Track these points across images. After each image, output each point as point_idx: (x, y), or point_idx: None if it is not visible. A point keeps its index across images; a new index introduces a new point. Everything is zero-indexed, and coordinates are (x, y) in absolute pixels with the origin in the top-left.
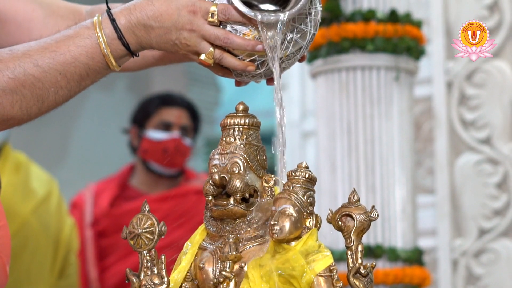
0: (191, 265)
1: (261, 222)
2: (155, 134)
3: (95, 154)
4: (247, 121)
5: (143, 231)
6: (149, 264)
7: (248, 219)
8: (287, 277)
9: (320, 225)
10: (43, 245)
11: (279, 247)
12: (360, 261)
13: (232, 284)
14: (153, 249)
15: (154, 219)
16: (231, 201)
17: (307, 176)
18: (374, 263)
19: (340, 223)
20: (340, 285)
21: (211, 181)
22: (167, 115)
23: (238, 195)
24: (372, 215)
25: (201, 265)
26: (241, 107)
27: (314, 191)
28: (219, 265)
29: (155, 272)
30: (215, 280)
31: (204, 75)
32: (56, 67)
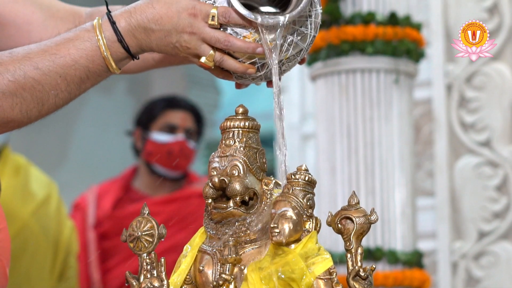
0: (190, 267)
1: (260, 225)
2: (159, 137)
3: (94, 157)
4: (246, 124)
5: (143, 234)
6: (148, 267)
7: (248, 221)
8: (287, 280)
9: (320, 228)
10: (43, 247)
11: (278, 249)
12: (359, 263)
13: (231, 287)
14: (152, 252)
15: (153, 222)
16: (231, 204)
17: (306, 179)
18: (374, 265)
19: (339, 226)
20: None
21: (210, 183)
22: (172, 117)
23: (238, 198)
24: (371, 217)
25: (201, 268)
26: (240, 109)
27: (313, 194)
28: (219, 268)
29: (155, 275)
30: (214, 283)
31: (204, 77)
32: (56, 69)
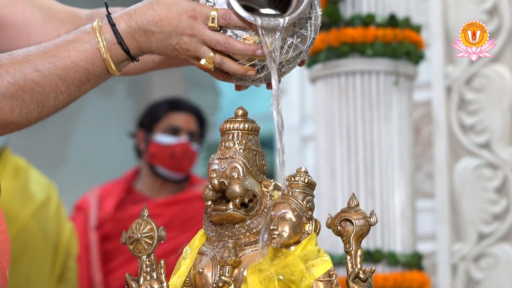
0: (190, 270)
1: (260, 227)
2: (163, 138)
3: (94, 159)
4: (246, 126)
5: (142, 236)
6: (148, 269)
7: (248, 223)
8: (286, 282)
9: (320, 230)
10: (42, 249)
11: (278, 252)
12: (359, 265)
13: None
14: (152, 254)
15: (153, 224)
16: (231, 206)
17: (306, 181)
18: (374, 267)
19: (339, 228)
20: None
21: (210, 186)
22: (176, 119)
23: (238, 200)
24: (371, 219)
25: (200, 270)
26: (240, 112)
27: (313, 196)
28: (219, 270)
29: (155, 277)
30: (214, 285)
31: (204, 79)
32: (56, 72)
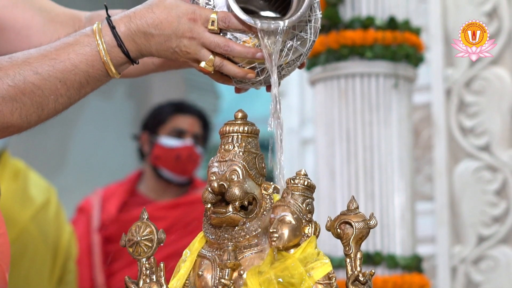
0: (190, 272)
1: (260, 230)
2: (168, 141)
3: (94, 161)
4: (246, 128)
5: (142, 238)
6: (148, 272)
7: (247, 226)
8: (286, 285)
9: (319, 232)
10: (42, 252)
11: (278, 254)
12: (359, 268)
13: None
14: (152, 257)
15: (153, 227)
16: (230, 208)
17: (306, 183)
18: (373, 270)
19: (339, 230)
20: None
21: (210, 188)
22: (180, 122)
23: (237, 202)
24: (371, 222)
25: (200, 272)
26: (240, 114)
27: (313, 199)
28: (218, 273)
29: (154, 280)
30: None
31: (203, 82)
32: (56, 74)
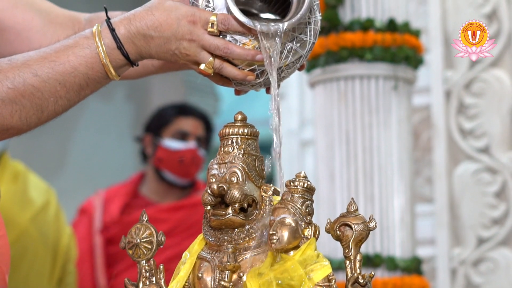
0: (189, 275)
1: (259, 232)
2: (171, 143)
3: (93, 163)
4: (245, 131)
5: (142, 241)
6: (147, 274)
7: (247, 228)
8: (285, 287)
9: (319, 234)
10: (42, 254)
11: (277, 256)
12: (358, 270)
13: None
14: (151, 259)
15: (152, 229)
16: (230, 211)
17: (305, 185)
18: (373, 272)
19: (338, 232)
20: None
21: (209, 190)
22: (184, 124)
23: (237, 205)
24: (370, 224)
25: (200, 275)
26: (239, 116)
27: (312, 201)
28: (218, 275)
29: (154, 282)
30: None
31: (203, 84)
32: (56, 77)
